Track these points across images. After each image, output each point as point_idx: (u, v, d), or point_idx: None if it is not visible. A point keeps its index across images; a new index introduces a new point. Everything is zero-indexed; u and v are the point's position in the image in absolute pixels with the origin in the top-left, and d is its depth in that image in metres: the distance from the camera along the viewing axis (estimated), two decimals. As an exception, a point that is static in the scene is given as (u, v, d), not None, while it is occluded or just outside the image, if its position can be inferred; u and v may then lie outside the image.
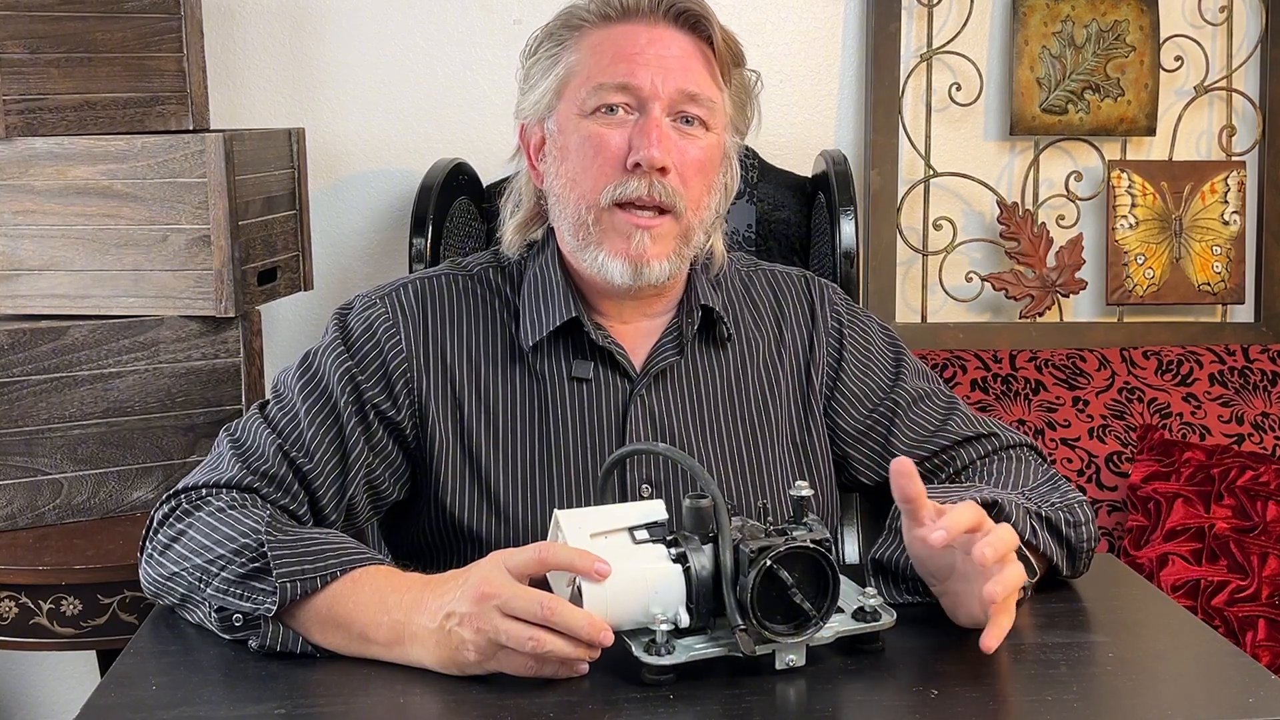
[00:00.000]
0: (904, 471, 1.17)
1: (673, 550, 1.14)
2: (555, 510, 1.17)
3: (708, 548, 1.13)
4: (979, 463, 1.49)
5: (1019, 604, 1.25)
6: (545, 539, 1.21)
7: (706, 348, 1.48)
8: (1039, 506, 1.33)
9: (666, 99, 1.37)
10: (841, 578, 1.16)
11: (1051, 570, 1.34)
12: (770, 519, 1.16)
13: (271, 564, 1.21)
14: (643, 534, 1.15)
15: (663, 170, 1.36)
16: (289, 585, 1.20)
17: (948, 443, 1.49)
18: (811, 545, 1.13)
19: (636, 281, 1.39)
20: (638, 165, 1.36)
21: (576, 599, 1.12)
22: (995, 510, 1.28)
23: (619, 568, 1.12)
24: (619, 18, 1.40)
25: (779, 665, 1.14)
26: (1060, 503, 1.36)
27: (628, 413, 1.43)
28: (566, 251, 1.44)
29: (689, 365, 1.47)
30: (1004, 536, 1.16)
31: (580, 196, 1.39)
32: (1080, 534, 1.34)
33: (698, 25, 1.39)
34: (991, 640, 1.14)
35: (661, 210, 1.38)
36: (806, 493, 1.17)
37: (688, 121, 1.39)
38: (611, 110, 1.38)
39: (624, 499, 1.40)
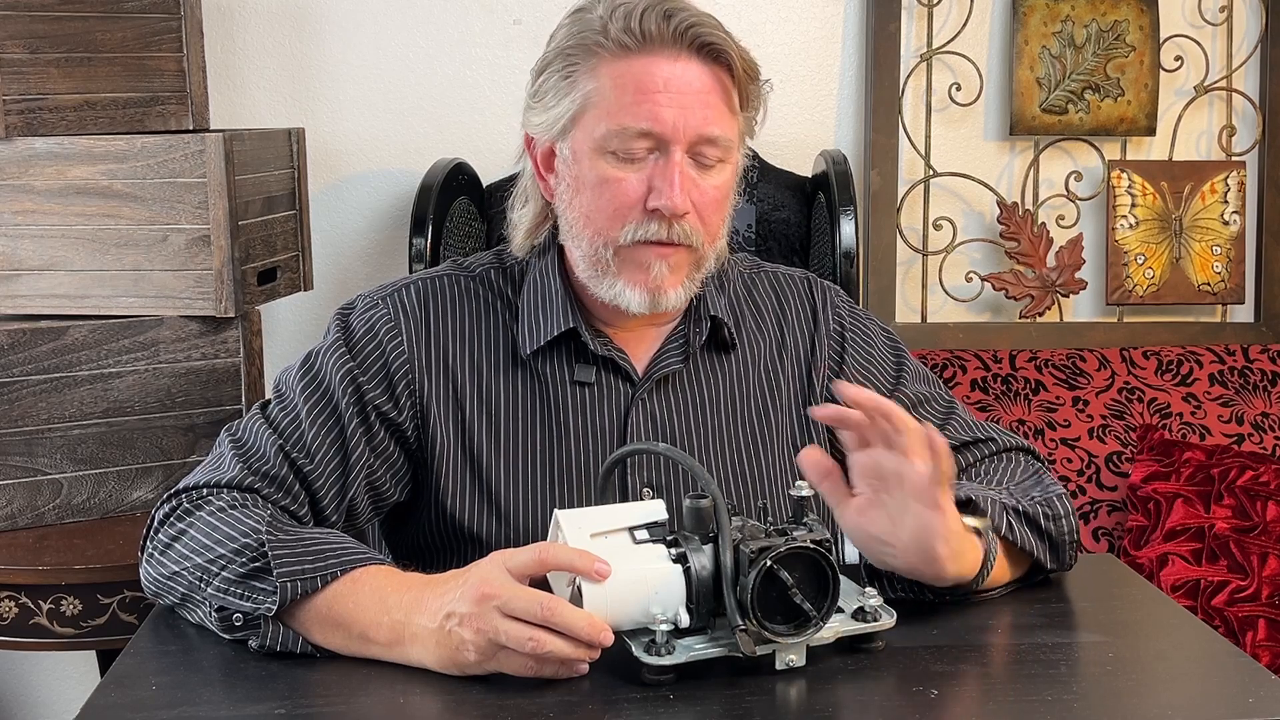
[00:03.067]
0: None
1: (673, 550, 1.14)
2: (555, 510, 1.17)
3: (708, 548, 1.13)
4: (972, 468, 1.49)
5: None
6: (545, 540, 1.21)
7: (709, 352, 1.48)
8: (1017, 502, 1.33)
9: (687, 141, 1.36)
10: (841, 578, 1.16)
11: (1036, 567, 1.34)
12: (770, 519, 1.16)
13: (272, 564, 1.21)
14: (643, 534, 1.15)
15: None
16: (289, 585, 1.20)
17: None
18: (811, 545, 1.13)
19: (653, 310, 1.39)
20: (657, 209, 1.35)
21: (576, 599, 1.12)
22: (970, 507, 1.28)
23: (619, 568, 1.12)
24: (639, 48, 1.35)
25: (779, 665, 1.14)
26: (1040, 497, 1.36)
27: (629, 416, 1.43)
28: (579, 274, 1.43)
29: (691, 370, 1.47)
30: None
31: (596, 233, 1.38)
32: (1060, 526, 1.34)
33: (719, 56, 1.37)
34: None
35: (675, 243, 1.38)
36: (807, 493, 1.17)
37: (706, 158, 1.38)
38: (633, 150, 1.36)
39: (625, 501, 1.40)
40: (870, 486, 1.21)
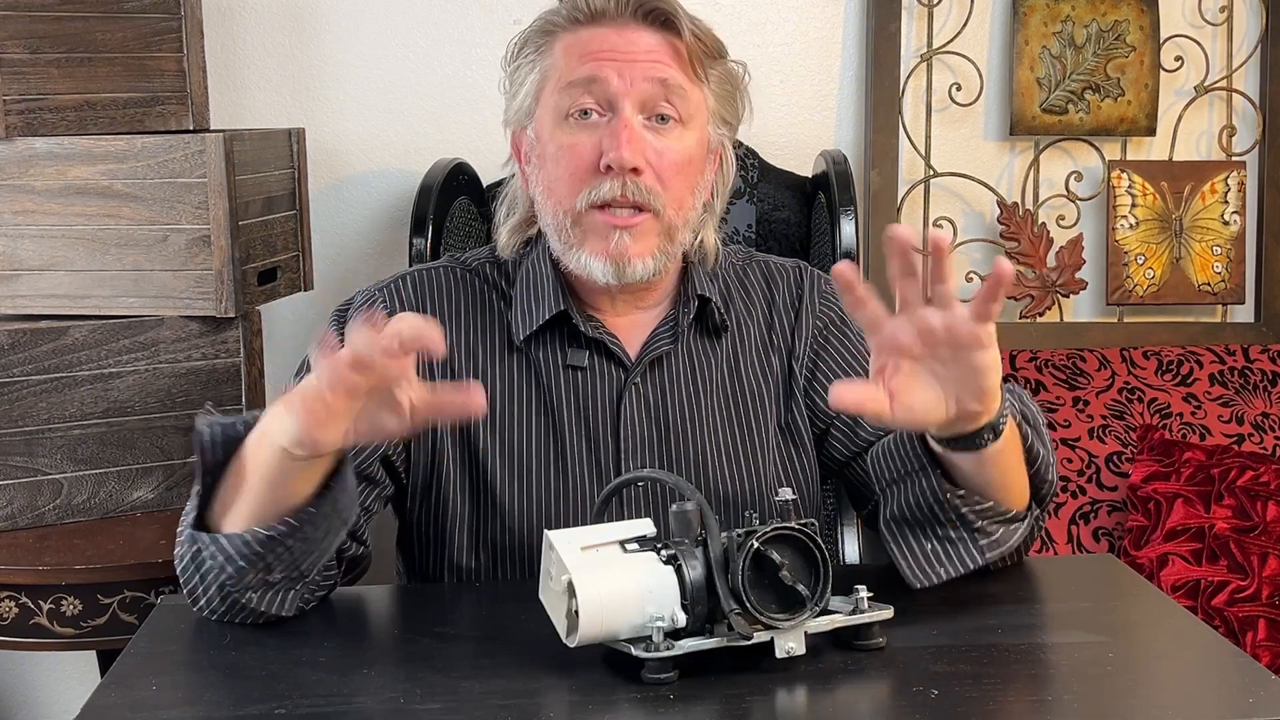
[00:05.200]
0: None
1: (663, 553, 1.15)
2: (546, 531, 1.17)
3: (698, 550, 1.14)
4: None
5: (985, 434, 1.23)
6: (540, 527, 1.24)
7: (701, 337, 1.50)
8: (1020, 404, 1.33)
9: (636, 95, 1.37)
10: (831, 590, 1.16)
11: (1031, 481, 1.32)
12: (758, 519, 1.18)
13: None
14: (633, 545, 1.16)
15: (635, 170, 1.37)
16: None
17: None
18: (796, 527, 1.14)
19: (620, 279, 1.40)
20: (610, 167, 1.37)
21: (573, 613, 1.12)
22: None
23: (612, 573, 1.13)
24: (588, 21, 1.40)
25: (779, 653, 1.14)
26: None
27: (622, 400, 1.44)
28: (554, 253, 1.45)
29: (683, 354, 1.48)
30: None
31: (558, 202, 1.40)
32: (1041, 424, 1.34)
33: (668, 22, 1.39)
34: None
35: (639, 209, 1.38)
36: (790, 497, 1.18)
37: (663, 119, 1.39)
38: (585, 114, 1.39)
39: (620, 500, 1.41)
40: (905, 356, 1.18)
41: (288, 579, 1.24)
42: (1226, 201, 2.42)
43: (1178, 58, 2.43)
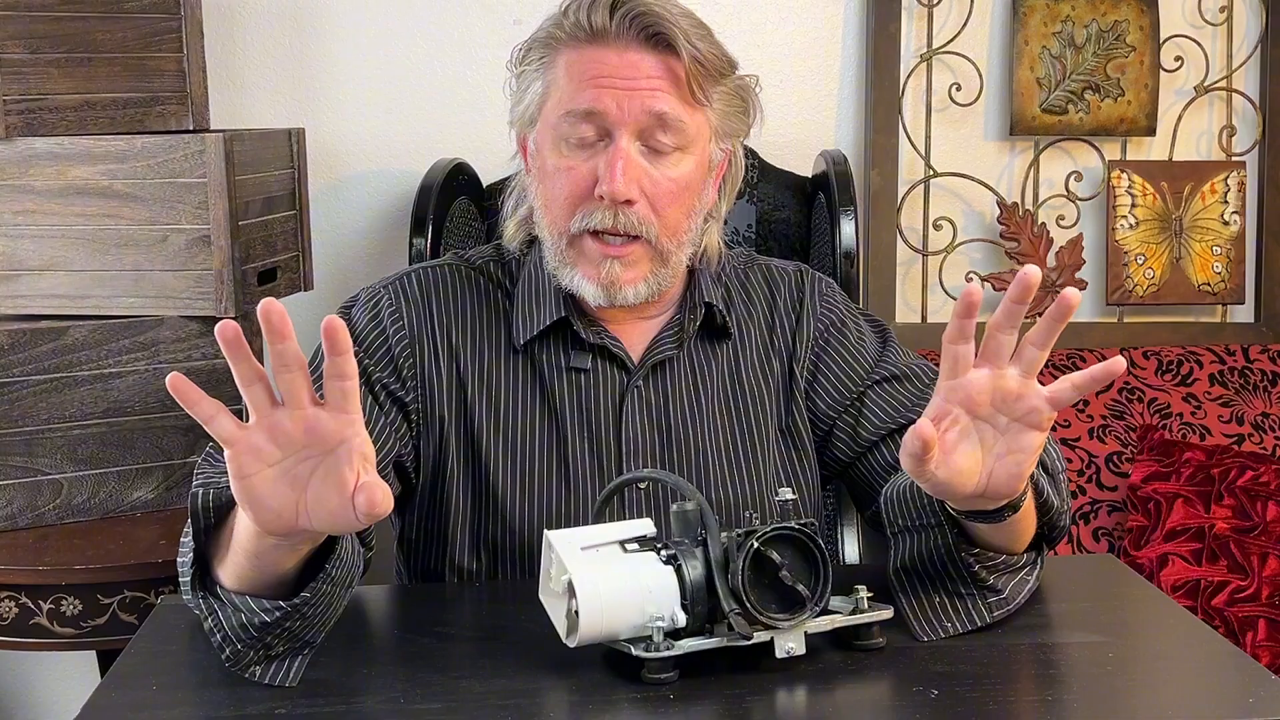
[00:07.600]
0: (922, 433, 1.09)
1: (663, 553, 1.15)
2: (546, 531, 1.17)
3: (698, 550, 1.14)
4: None
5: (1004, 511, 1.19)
6: (541, 527, 1.22)
7: (704, 341, 1.50)
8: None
9: (633, 124, 1.36)
10: (831, 590, 1.16)
11: (1042, 515, 1.29)
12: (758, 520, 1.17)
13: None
14: (633, 546, 1.16)
15: (629, 201, 1.36)
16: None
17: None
18: (796, 527, 1.14)
19: (611, 304, 1.41)
20: (603, 196, 1.36)
21: (574, 613, 1.12)
22: None
23: (612, 573, 1.13)
24: (589, 39, 1.38)
25: (779, 653, 1.14)
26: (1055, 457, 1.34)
27: (624, 403, 1.44)
28: (547, 266, 1.45)
29: (685, 357, 1.48)
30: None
31: (553, 222, 1.41)
32: (1062, 489, 1.32)
33: (669, 45, 1.38)
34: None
35: (631, 237, 1.38)
36: (790, 497, 1.18)
37: (659, 140, 1.38)
38: (582, 137, 1.38)
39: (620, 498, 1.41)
40: (969, 410, 1.12)
41: (291, 650, 1.18)
42: (1226, 201, 2.42)
43: (1178, 58, 2.43)
